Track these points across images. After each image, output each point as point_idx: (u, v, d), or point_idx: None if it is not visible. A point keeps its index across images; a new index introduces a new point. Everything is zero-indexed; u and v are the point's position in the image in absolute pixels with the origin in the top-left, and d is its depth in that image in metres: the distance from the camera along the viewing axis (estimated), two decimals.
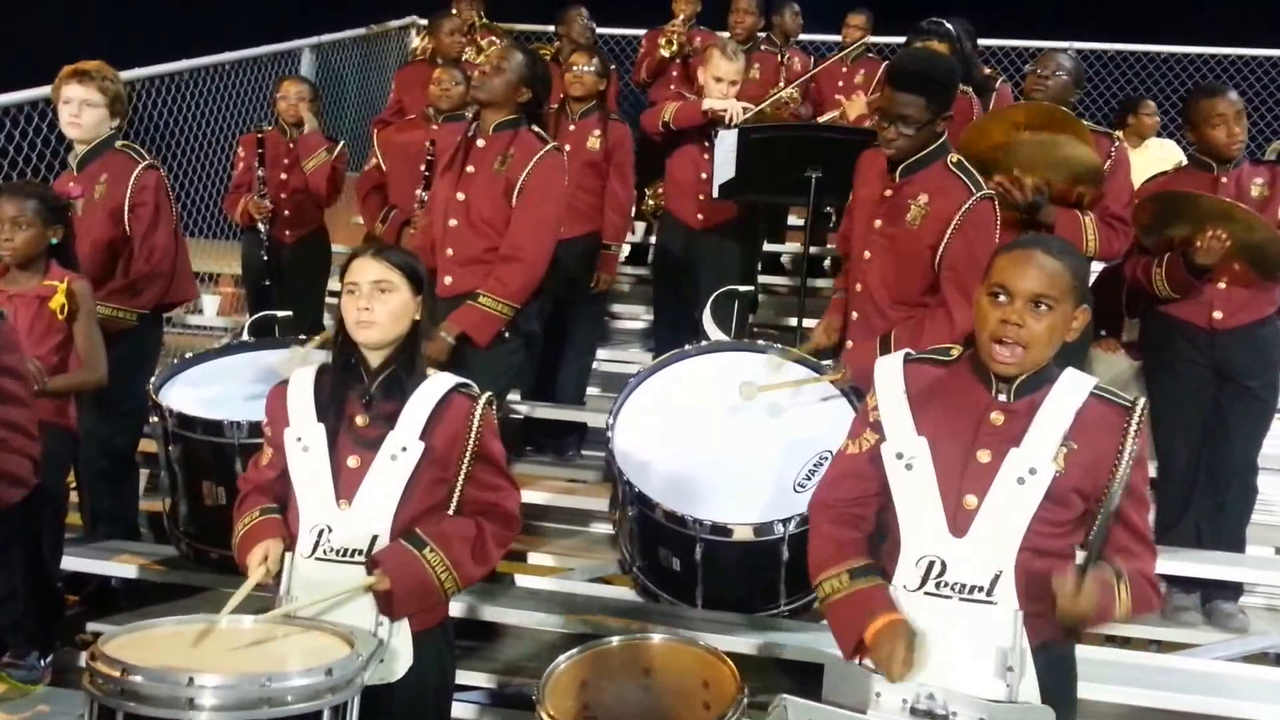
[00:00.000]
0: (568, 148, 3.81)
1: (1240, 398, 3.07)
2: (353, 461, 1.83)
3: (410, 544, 1.81)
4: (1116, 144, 3.19)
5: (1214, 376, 3.08)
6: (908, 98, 2.53)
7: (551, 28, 5.60)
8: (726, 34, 4.98)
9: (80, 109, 3.09)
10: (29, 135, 3.81)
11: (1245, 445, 3.12)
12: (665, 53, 5.03)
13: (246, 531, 1.87)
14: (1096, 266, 4.37)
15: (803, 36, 5.55)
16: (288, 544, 1.83)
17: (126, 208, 3.08)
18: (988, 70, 4.24)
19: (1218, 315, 3.03)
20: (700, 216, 3.97)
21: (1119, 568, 1.65)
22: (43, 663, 2.55)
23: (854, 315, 2.77)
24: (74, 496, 3.15)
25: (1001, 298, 1.62)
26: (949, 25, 3.57)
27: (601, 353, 4.35)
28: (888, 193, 2.65)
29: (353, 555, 1.82)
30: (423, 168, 3.90)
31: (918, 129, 2.54)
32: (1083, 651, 2.20)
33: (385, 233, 4.12)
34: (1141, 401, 1.65)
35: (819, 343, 2.90)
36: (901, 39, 4.03)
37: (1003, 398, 1.66)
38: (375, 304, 1.82)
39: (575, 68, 3.92)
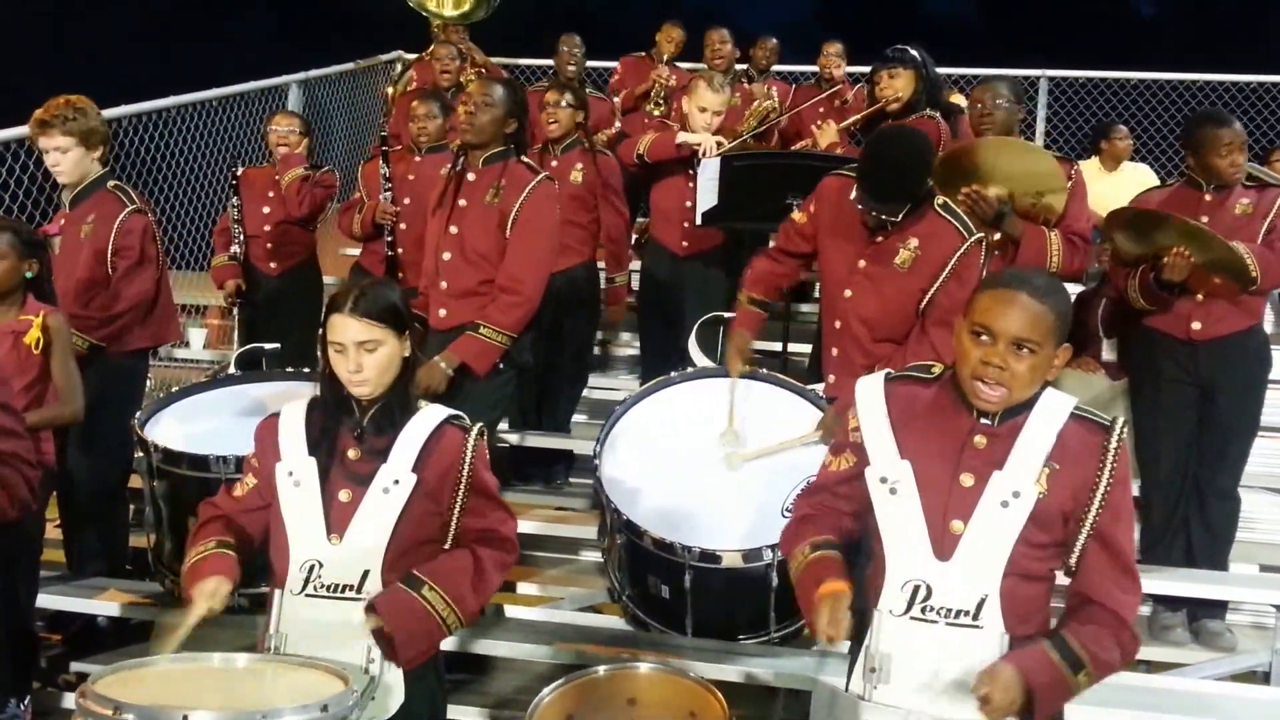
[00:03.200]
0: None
1: (1223, 415, 3.10)
2: (344, 495, 1.82)
3: (407, 586, 1.79)
4: (1075, 169, 3.28)
5: (1198, 393, 3.12)
6: (889, 206, 2.59)
7: (535, 61, 5.68)
8: (704, 66, 5.06)
9: (57, 158, 3.09)
10: (15, 173, 3.82)
11: (1228, 463, 3.14)
12: (655, 112, 4.99)
13: (197, 562, 1.82)
14: (1070, 287, 4.44)
15: (778, 67, 5.65)
16: (236, 582, 1.79)
17: (110, 251, 3.08)
18: (956, 97, 4.31)
19: (1196, 326, 3.07)
20: (685, 244, 4.01)
21: (1080, 653, 1.60)
22: (21, 706, 2.51)
23: (834, 351, 2.80)
24: (59, 534, 3.13)
25: (984, 338, 1.61)
26: (914, 52, 3.63)
27: (588, 379, 4.37)
28: (879, 239, 2.69)
29: (343, 591, 1.81)
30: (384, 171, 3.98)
31: (902, 214, 2.62)
32: None
33: (366, 258, 4.18)
34: (1120, 421, 1.66)
35: (736, 369, 2.85)
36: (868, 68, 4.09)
37: (986, 421, 1.66)
38: (364, 363, 1.80)
39: (548, 107, 3.90)
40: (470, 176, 3.00)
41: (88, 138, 3.10)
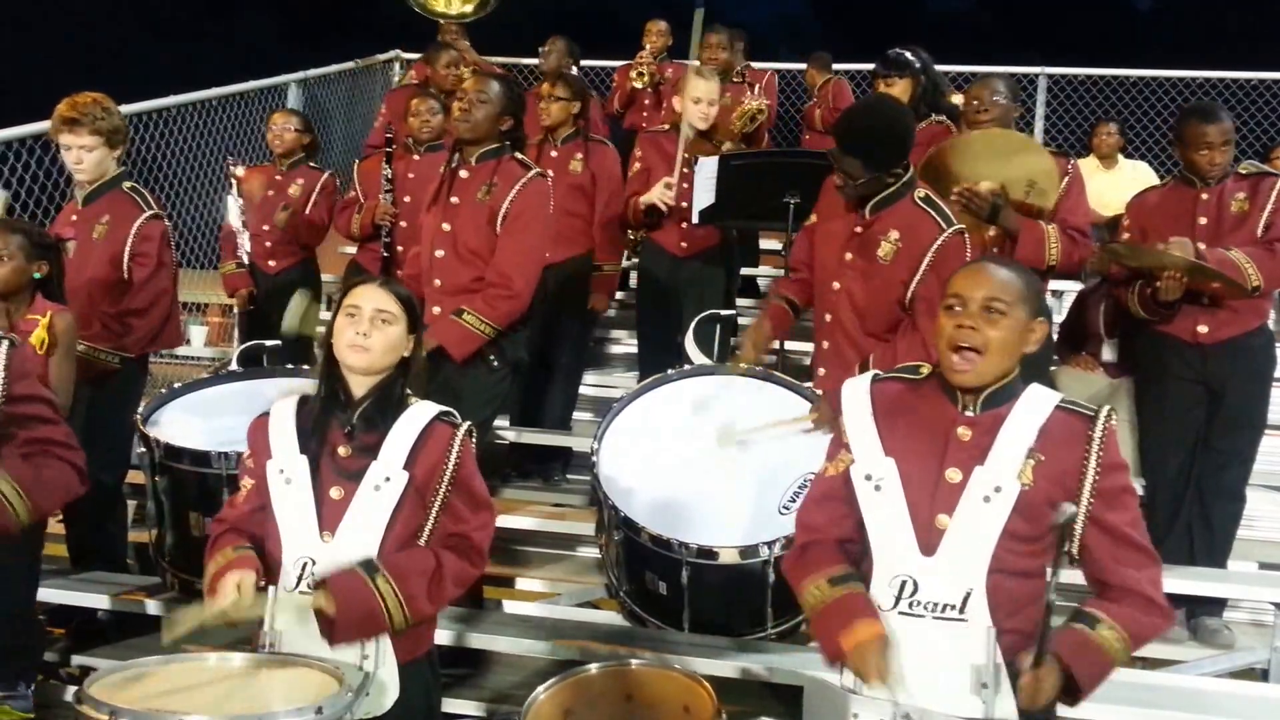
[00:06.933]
0: (551, 174, 3.86)
1: (1231, 413, 3.09)
2: (335, 493, 1.83)
3: (363, 570, 1.78)
4: (1073, 164, 3.28)
5: (1206, 391, 3.11)
6: (848, 159, 2.62)
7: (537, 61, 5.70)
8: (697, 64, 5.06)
9: (80, 155, 3.10)
10: (17, 171, 3.84)
11: (1236, 462, 3.14)
12: (638, 84, 5.11)
13: (215, 573, 1.83)
14: (1068, 285, 4.43)
15: (773, 65, 5.67)
16: (261, 578, 1.80)
17: (127, 254, 3.09)
18: (956, 97, 4.31)
19: (1202, 330, 3.07)
20: (683, 244, 4.01)
21: (1093, 614, 1.63)
22: (29, 690, 2.54)
23: (825, 344, 2.81)
24: (61, 529, 3.15)
25: (956, 307, 1.68)
26: (910, 57, 3.64)
27: (586, 377, 4.37)
28: (858, 229, 2.70)
29: None
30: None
31: (861, 182, 2.63)
32: None
33: (363, 255, 4.20)
34: (1105, 410, 1.67)
35: (749, 358, 2.89)
36: (870, 65, 4.11)
37: (969, 412, 1.68)
38: (374, 332, 1.83)
39: (542, 100, 3.95)
40: (463, 173, 3.00)
41: (112, 137, 3.12)
